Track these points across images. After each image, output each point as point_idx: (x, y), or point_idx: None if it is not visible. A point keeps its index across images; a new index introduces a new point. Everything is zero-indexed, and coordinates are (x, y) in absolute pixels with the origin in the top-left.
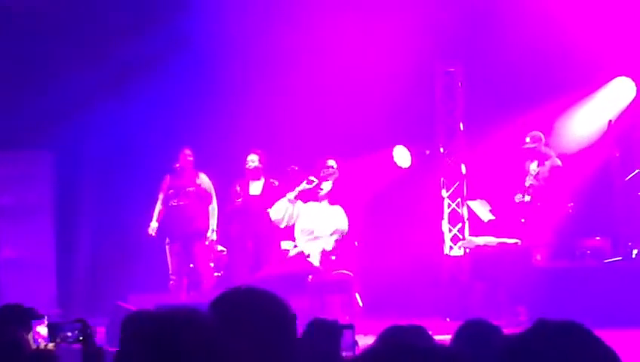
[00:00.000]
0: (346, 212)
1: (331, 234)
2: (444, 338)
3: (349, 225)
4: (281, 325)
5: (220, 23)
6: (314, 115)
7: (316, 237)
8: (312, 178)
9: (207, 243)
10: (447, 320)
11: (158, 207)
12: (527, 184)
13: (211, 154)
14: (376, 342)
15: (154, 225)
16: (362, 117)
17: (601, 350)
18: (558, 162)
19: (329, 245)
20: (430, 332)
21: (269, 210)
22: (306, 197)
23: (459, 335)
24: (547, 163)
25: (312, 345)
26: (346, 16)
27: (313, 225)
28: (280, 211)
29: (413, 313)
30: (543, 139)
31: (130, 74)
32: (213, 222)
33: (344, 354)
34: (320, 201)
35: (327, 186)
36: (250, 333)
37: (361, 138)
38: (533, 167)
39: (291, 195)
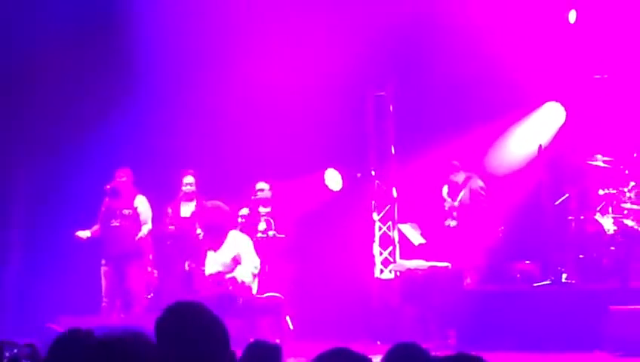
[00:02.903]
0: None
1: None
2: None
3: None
4: (219, 342)
5: (153, 39)
6: (246, 137)
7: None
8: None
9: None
10: (378, 343)
11: (96, 226)
12: (446, 207)
13: (144, 174)
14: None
15: (84, 233)
16: (294, 140)
17: None
18: (480, 183)
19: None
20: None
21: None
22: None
23: (389, 358)
24: (467, 185)
25: None
26: (279, 41)
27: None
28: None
29: (343, 336)
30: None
31: (63, 95)
32: (143, 231)
33: None
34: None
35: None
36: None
37: (292, 161)
38: (444, 192)
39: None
